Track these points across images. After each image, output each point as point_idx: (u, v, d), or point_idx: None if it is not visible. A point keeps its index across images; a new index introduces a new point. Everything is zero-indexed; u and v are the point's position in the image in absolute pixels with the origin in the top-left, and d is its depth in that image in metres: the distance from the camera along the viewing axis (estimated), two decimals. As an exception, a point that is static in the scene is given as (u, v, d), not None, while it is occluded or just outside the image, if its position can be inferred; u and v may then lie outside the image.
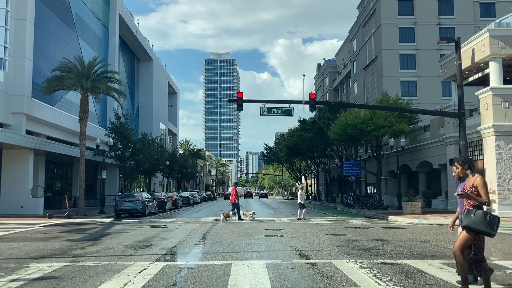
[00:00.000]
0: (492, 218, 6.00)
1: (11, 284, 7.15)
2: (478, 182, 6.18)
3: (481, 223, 5.99)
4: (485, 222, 5.98)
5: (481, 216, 6.01)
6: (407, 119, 33.74)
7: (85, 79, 28.13)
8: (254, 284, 7.08)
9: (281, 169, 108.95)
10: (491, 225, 6.00)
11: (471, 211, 6.09)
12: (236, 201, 23.01)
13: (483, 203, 6.10)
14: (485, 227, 6.00)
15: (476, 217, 6.01)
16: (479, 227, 6.00)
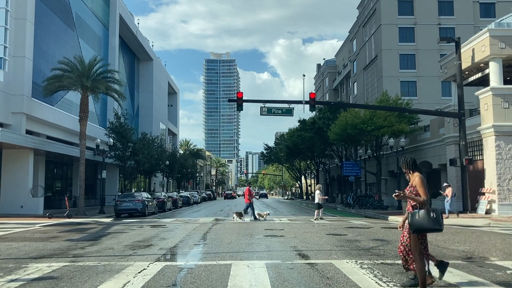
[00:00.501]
0: (436, 214, 6.03)
1: (10, 284, 7.13)
2: (417, 182, 6.22)
3: (427, 222, 6.02)
4: (431, 219, 6.01)
5: (425, 215, 6.04)
6: (407, 119, 33.74)
7: (85, 79, 28.11)
8: (254, 284, 7.06)
9: (281, 169, 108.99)
10: (438, 221, 6.01)
11: (414, 214, 6.12)
12: (250, 200, 22.79)
13: (422, 202, 6.13)
14: (433, 225, 6.03)
15: (421, 218, 6.04)
16: (427, 226, 6.04)
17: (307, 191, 76.43)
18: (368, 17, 50.86)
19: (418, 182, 6.20)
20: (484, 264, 8.92)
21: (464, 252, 10.65)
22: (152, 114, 62.67)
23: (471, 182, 25.02)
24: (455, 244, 12.18)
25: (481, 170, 25.07)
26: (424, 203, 6.12)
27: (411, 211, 6.21)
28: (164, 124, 71.42)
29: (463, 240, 13.28)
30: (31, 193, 27.86)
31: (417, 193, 6.23)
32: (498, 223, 18.62)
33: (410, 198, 6.21)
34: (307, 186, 78.83)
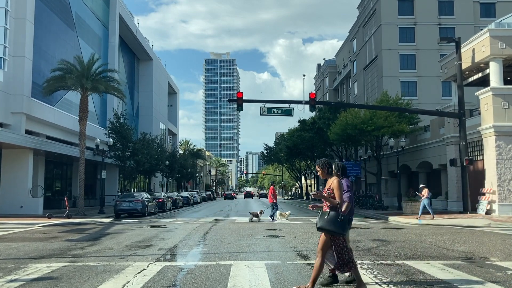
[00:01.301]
0: (343, 219, 6.22)
1: (10, 285, 7.11)
2: (334, 185, 6.37)
3: (333, 224, 6.19)
4: (337, 223, 6.17)
5: (333, 217, 6.21)
6: (407, 119, 33.71)
7: (85, 79, 28.10)
8: (254, 285, 7.04)
9: (281, 169, 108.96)
10: (342, 225, 6.20)
11: (325, 213, 6.29)
12: (274, 200, 22.22)
13: (335, 205, 6.29)
14: (336, 228, 6.20)
15: (329, 219, 6.21)
16: (330, 228, 6.19)
17: (307, 191, 76.39)
18: (368, 17, 50.84)
19: (336, 185, 6.36)
20: (484, 265, 8.90)
21: (464, 253, 10.63)
22: (152, 114, 62.64)
23: (471, 183, 25.00)
24: (455, 245, 12.16)
25: (481, 171, 25.05)
26: (337, 206, 6.28)
27: (322, 210, 6.40)
28: (164, 124, 71.40)
29: (463, 240, 13.26)
30: (30, 193, 27.84)
31: (334, 195, 6.38)
32: (498, 224, 18.59)
33: (326, 200, 6.39)
34: (307, 186, 78.78)
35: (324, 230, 6.29)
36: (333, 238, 6.36)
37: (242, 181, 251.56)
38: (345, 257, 6.43)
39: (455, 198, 27.83)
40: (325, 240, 6.35)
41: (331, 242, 6.39)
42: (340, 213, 6.25)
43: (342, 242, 6.45)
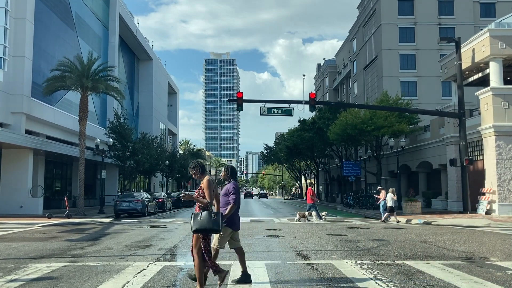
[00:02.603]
0: (216, 216, 6.31)
1: (10, 285, 7.11)
2: (204, 184, 6.45)
3: (207, 223, 6.26)
4: (211, 221, 6.25)
5: (206, 216, 6.29)
6: (407, 119, 33.70)
7: (85, 78, 28.10)
8: (254, 285, 7.04)
9: (281, 169, 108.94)
10: (216, 222, 6.27)
11: (197, 215, 6.36)
12: (314, 200, 22.04)
13: (205, 204, 6.37)
14: (211, 225, 6.25)
15: (202, 219, 6.29)
16: (206, 226, 6.27)
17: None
18: (368, 17, 50.84)
19: (205, 185, 6.43)
20: (484, 265, 8.90)
21: (464, 253, 10.63)
22: (151, 114, 62.64)
23: (471, 183, 25.00)
24: (455, 245, 12.16)
25: (481, 170, 25.05)
26: (207, 205, 6.35)
27: (194, 212, 6.44)
28: (164, 124, 71.40)
29: (463, 240, 13.26)
30: (30, 193, 27.84)
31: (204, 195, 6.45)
32: (499, 224, 18.60)
33: (195, 200, 6.47)
34: (307, 186, 78.72)
35: (201, 232, 6.32)
36: (203, 236, 6.40)
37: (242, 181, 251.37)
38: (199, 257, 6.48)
39: (455, 198, 27.83)
40: (197, 239, 6.43)
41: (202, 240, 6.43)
42: (212, 211, 6.33)
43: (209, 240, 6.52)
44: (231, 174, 7.05)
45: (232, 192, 6.86)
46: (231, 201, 6.80)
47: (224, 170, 7.13)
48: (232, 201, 6.80)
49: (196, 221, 6.29)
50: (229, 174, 7.04)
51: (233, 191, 6.87)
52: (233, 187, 6.93)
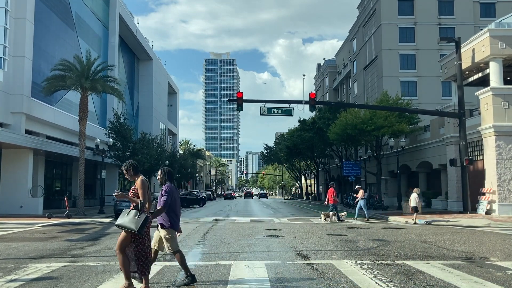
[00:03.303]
0: (139, 216, 6.29)
1: (10, 285, 7.11)
2: (138, 184, 6.47)
3: (129, 221, 6.28)
4: (133, 220, 6.25)
5: (132, 215, 6.31)
6: (407, 119, 33.70)
7: (84, 78, 28.09)
8: (254, 285, 7.04)
9: (281, 169, 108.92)
10: (136, 222, 6.25)
11: (126, 211, 6.39)
12: (335, 201, 21.92)
13: (137, 203, 6.39)
14: (130, 224, 6.25)
15: (128, 216, 6.32)
16: (126, 224, 6.28)
17: (307, 191, 76.40)
18: (368, 17, 50.83)
19: (138, 185, 6.45)
20: (484, 265, 8.90)
21: (464, 253, 10.62)
22: (151, 114, 62.63)
23: (471, 182, 25.00)
24: (455, 245, 12.16)
25: (481, 170, 25.04)
26: (139, 204, 6.37)
27: (129, 209, 6.47)
28: (164, 124, 71.38)
29: (463, 240, 13.26)
30: (30, 193, 27.84)
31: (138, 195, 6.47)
32: (499, 224, 18.60)
33: (128, 199, 6.49)
34: (307, 186, 78.77)
35: (121, 227, 6.34)
36: (136, 237, 6.41)
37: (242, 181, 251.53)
38: (143, 259, 6.44)
39: (455, 198, 27.82)
40: (124, 237, 6.39)
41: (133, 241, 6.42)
42: (139, 212, 6.32)
43: (146, 242, 6.51)
44: (167, 176, 7.12)
45: (164, 194, 6.91)
46: (161, 203, 6.85)
47: (160, 172, 7.19)
48: (162, 203, 6.83)
49: (122, 217, 6.35)
50: (165, 176, 7.11)
51: (165, 193, 6.93)
52: (165, 189, 6.98)
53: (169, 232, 6.97)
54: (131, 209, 6.38)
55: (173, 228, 7.04)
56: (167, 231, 6.97)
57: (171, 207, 7.00)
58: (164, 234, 6.99)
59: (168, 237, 6.96)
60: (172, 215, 7.03)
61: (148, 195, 6.55)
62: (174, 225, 7.05)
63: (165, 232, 6.98)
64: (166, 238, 6.97)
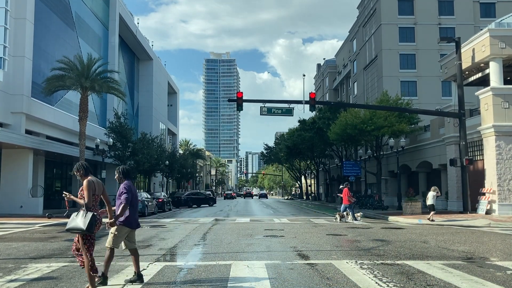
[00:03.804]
0: (86, 216, 6.36)
1: (10, 285, 7.11)
2: (84, 185, 6.54)
3: (79, 221, 6.36)
4: (82, 220, 6.33)
5: (80, 216, 6.38)
6: (407, 119, 33.70)
7: (84, 78, 28.09)
8: (254, 285, 7.04)
9: (281, 169, 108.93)
10: (84, 222, 6.33)
11: (74, 215, 6.46)
12: (350, 202, 21.88)
13: (82, 204, 6.47)
14: (79, 224, 6.34)
15: (76, 217, 6.40)
16: (75, 225, 6.37)
17: (307, 191, 76.40)
18: (368, 17, 50.83)
19: (84, 186, 6.52)
20: (484, 265, 8.90)
21: (464, 253, 10.63)
22: (152, 114, 62.62)
23: (471, 182, 25.00)
24: (455, 245, 12.16)
25: (482, 170, 25.04)
26: (83, 205, 6.44)
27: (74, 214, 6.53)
28: (164, 124, 71.36)
29: (463, 240, 13.26)
30: (30, 193, 27.84)
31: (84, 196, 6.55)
32: (499, 223, 18.60)
33: (74, 200, 6.59)
34: (307, 186, 78.79)
35: (72, 231, 6.41)
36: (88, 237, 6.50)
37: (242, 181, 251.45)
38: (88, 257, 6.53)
39: (455, 198, 27.82)
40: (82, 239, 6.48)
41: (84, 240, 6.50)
42: (86, 212, 6.38)
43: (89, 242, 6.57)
44: (123, 175, 7.19)
45: (124, 192, 6.97)
46: (123, 200, 6.90)
47: (116, 172, 7.29)
48: (123, 201, 6.89)
49: (72, 219, 6.42)
50: (121, 175, 7.19)
51: (124, 190, 6.99)
52: (124, 186, 7.04)
53: (117, 229, 7.01)
54: (78, 212, 6.44)
55: (125, 225, 7.06)
56: (117, 227, 7.02)
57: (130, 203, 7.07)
58: (112, 229, 7.03)
59: (115, 233, 7.00)
60: (130, 210, 7.08)
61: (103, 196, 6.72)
62: (128, 223, 7.07)
63: (114, 228, 7.02)
64: (112, 233, 7.02)
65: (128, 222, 7.05)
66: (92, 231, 6.36)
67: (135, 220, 7.22)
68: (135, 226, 7.22)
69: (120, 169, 7.26)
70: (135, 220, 7.22)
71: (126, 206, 6.93)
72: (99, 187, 6.70)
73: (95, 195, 6.59)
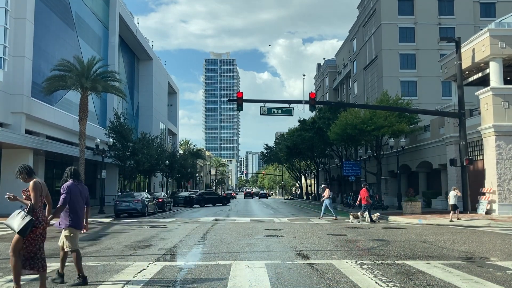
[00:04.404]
0: (25, 218, 6.32)
1: (10, 285, 7.12)
2: (30, 187, 6.52)
3: (15, 222, 6.35)
4: (19, 221, 6.30)
5: (20, 217, 6.35)
6: (407, 119, 33.70)
7: (84, 78, 28.11)
8: (254, 284, 7.04)
9: (281, 169, 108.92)
10: (20, 224, 6.29)
11: (17, 212, 6.44)
12: (367, 202, 21.70)
13: (28, 205, 6.48)
14: (14, 225, 6.31)
15: (16, 217, 6.35)
16: (10, 224, 6.34)
17: (307, 191, 76.40)
18: (368, 17, 50.83)
19: (30, 188, 6.51)
20: (484, 265, 8.90)
21: (464, 252, 10.62)
22: (152, 114, 62.63)
23: (472, 182, 24.99)
24: (455, 244, 12.16)
25: (482, 170, 25.04)
26: (31, 207, 6.42)
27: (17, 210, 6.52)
28: (164, 124, 71.38)
29: (463, 240, 13.26)
30: (30, 193, 27.81)
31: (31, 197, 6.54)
32: (499, 223, 18.60)
33: (19, 201, 6.58)
34: (307, 186, 78.79)
35: (10, 228, 6.42)
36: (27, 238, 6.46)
37: (242, 181, 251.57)
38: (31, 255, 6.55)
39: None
40: (17, 239, 6.43)
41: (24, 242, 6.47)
42: (26, 214, 6.36)
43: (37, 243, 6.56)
44: (67, 176, 7.36)
45: (63, 192, 7.06)
46: (60, 201, 6.97)
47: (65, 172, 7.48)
48: (60, 202, 6.96)
49: (11, 216, 6.42)
50: (64, 175, 7.37)
51: (63, 191, 7.07)
52: (64, 187, 7.13)
53: (70, 231, 7.07)
54: (21, 211, 6.44)
55: (73, 227, 7.11)
56: (67, 230, 7.09)
57: (70, 205, 7.10)
58: (65, 233, 7.09)
59: (67, 235, 7.07)
60: (71, 213, 7.11)
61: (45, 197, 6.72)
62: (74, 223, 7.12)
63: (65, 231, 7.09)
64: (65, 236, 7.09)
65: (75, 223, 7.13)
66: (24, 235, 6.35)
67: (81, 222, 7.28)
68: (81, 227, 7.28)
69: (66, 171, 7.45)
70: (81, 222, 7.28)
71: (62, 207, 7.00)
72: (44, 189, 6.73)
73: (41, 196, 6.61)
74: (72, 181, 7.29)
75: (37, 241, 6.56)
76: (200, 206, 42.54)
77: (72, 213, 7.12)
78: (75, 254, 7.13)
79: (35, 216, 6.40)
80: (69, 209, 7.12)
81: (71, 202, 7.10)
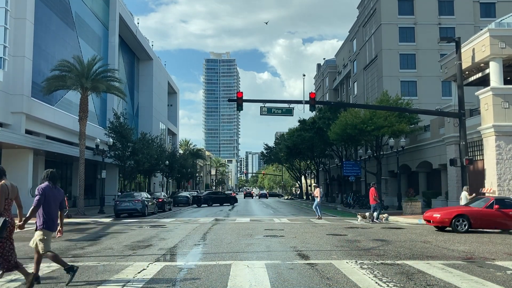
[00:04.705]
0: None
1: (10, 285, 7.12)
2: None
3: None
4: None
5: None
6: (407, 119, 33.71)
7: (85, 79, 28.10)
8: (254, 284, 7.04)
9: (281, 169, 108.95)
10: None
11: None
12: (376, 202, 21.64)
13: None
14: None
15: None
16: None
17: (307, 191, 76.43)
18: (368, 17, 50.84)
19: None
20: (484, 265, 8.90)
21: (464, 252, 10.63)
22: (152, 114, 62.64)
23: (471, 182, 24.98)
24: (456, 244, 12.16)
25: (482, 170, 25.04)
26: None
27: None
28: (164, 124, 71.39)
29: (463, 240, 13.26)
30: (30, 193, 27.81)
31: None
32: (498, 223, 18.56)
33: None
34: (307, 186, 78.80)
35: None
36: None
37: (242, 181, 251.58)
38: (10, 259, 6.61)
39: (455, 198, 27.80)
40: None
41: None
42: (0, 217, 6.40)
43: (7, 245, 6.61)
44: (43, 177, 7.32)
45: (37, 194, 7.07)
46: (33, 203, 6.97)
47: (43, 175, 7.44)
48: (34, 203, 6.98)
49: None
50: (42, 177, 7.32)
51: (37, 192, 7.08)
52: (38, 189, 7.15)
53: (43, 234, 7.06)
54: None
55: (46, 228, 7.10)
56: (40, 232, 7.07)
57: (44, 207, 7.08)
58: (37, 235, 7.07)
59: (40, 238, 7.04)
60: (45, 215, 7.09)
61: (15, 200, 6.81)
62: (47, 225, 7.10)
63: (38, 233, 7.08)
64: (38, 239, 7.06)
65: (48, 225, 7.12)
66: (2, 236, 6.38)
67: (54, 223, 7.26)
68: (54, 229, 7.26)
69: (44, 173, 7.39)
70: (54, 223, 7.26)
71: (36, 209, 6.99)
72: (13, 191, 6.75)
73: (7, 199, 6.60)
74: (47, 183, 7.24)
75: (6, 244, 6.61)
76: (208, 206, 42.78)
77: (46, 215, 7.10)
78: (50, 254, 7.10)
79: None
80: (43, 211, 7.09)
81: (45, 204, 7.08)
